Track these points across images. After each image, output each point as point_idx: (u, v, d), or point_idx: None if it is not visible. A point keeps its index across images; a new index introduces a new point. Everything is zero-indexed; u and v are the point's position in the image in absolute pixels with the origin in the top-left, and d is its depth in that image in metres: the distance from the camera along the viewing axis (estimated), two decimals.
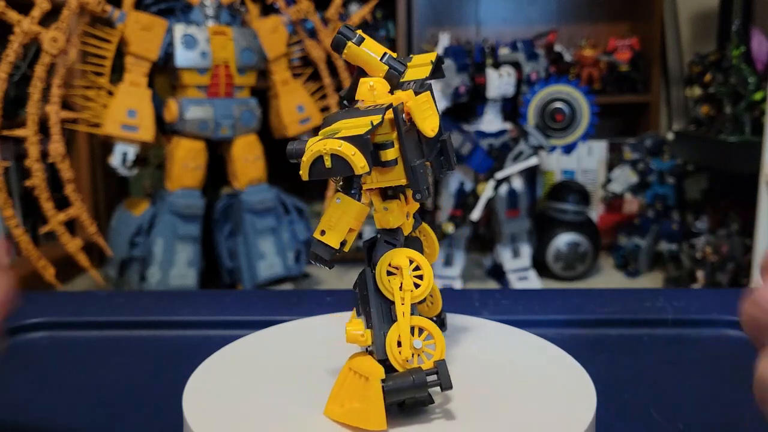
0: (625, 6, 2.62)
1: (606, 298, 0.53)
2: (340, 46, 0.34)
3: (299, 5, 1.83)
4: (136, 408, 0.38)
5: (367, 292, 0.33)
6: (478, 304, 0.52)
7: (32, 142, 1.49)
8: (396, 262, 0.33)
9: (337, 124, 0.31)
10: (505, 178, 1.93)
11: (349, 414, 0.32)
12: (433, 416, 0.32)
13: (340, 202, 0.32)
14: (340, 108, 0.37)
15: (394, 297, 0.33)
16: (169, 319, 0.51)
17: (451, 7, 2.69)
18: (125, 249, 1.70)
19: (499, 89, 1.91)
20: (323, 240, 0.32)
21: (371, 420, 0.31)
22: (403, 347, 0.32)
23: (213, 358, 0.39)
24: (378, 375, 0.31)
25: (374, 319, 0.32)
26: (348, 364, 0.33)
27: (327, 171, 0.30)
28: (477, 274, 2.22)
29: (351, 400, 0.32)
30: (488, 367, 0.37)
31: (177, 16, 1.72)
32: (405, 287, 0.33)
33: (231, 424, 0.32)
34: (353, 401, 0.32)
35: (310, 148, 0.30)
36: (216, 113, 1.71)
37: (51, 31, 1.46)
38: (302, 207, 1.89)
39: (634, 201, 2.38)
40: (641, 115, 2.53)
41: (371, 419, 0.31)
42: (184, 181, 1.73)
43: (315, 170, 0.30)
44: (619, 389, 0.38)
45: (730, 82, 1.90)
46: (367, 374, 0.32)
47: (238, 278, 1.85)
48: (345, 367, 0.33)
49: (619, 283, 2.14)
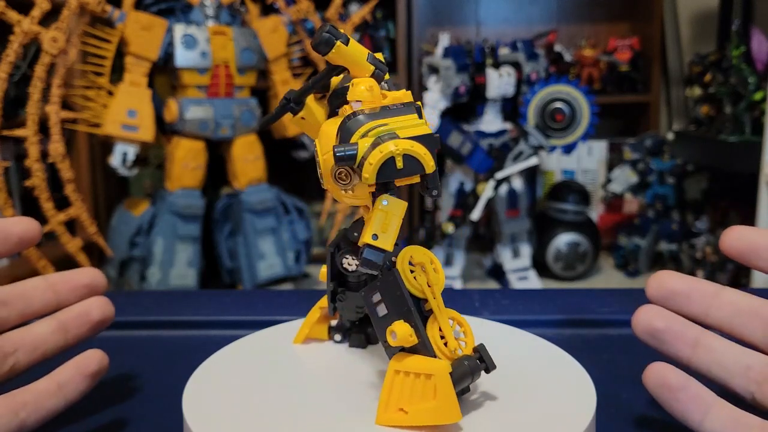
0: (625, 6, 2.62)
1: (606, 298, 0.53)
2: (329, 45, 0.32)
3: (299, 5, 1.83)
4: (136, 408, 0.38)
5: (400, 291, 0.32)
6: (478, 304, 0.52)
7: (32, 142, 1.49)
8: (417, 259, 0.34)
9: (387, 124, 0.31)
10: (505, 178, 1.93)
11: (420, 415, 0.31)
12: None
13: (387, 204, 0.31)
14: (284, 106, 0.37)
15: (425, 293, 0.33)
16: (169, 319, 0.51)
17: (451, 7, 2.69)
18: (125, 249, 1.70)
19: (499, 89, 1.91)
20: (377, 245, 0.30)
21: (447, 414, 0.31)
22: (448, 339, 0.33)
23: (213, 358, 0.39)
24: (444, 369, 0.31)
25: (415, 318, 0.32)
26: (393, 368, 0.32)
27: (398, 172, 0.29)
28: (477, 274, 2.22)
29: (416, 402, 0.31)
30: None
31: (177, 16, 1.72)
32: (432, 282, 0.33)
33: (231, 424, 0.32)
34: (420, 402, 0.31)
35: (379, 150, 0.29)
36: (216, 113, 1.71)
37: (51, 31, 1.46)
38: (302, 207, 1.89)
39: (634, 201, 2.38)
40: (641, 115, 2.53)
41: (447, 413, 0.31)
42: (184, 181, 1.73)
43: (385, 172, 0.29)
44: (619, 389, 0.38)
45: (730, 82, 1.90)
46: (429, 371, 0.31)
47: (238, 278, 1.85)
48: (390, 372, 0.32)
49: (619, 283, 2.14)
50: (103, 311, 0.37)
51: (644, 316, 0.32)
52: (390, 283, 0.33)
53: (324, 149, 0.33)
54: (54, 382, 0.33)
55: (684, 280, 0.32)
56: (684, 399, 0.30)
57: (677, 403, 0.30)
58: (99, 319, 0.37)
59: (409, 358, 0.32)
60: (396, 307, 0.33)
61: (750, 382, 0.30)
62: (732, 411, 0.30)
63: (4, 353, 0.33)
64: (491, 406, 0.33)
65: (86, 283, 0.38)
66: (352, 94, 0.33)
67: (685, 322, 0.32)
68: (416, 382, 0.32)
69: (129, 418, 0.37)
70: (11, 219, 0.35)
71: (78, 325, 0.36)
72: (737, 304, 0.31)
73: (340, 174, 0.32)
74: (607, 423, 0.35)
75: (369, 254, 0.30)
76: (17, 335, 0.35)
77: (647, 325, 0.32)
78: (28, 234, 0.35)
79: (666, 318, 0.32)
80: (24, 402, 0.32)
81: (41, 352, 0.35)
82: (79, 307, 0.37)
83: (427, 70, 2.02)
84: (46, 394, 0.33)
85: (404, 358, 0.32)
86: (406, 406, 0.31)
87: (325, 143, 0.33)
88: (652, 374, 0.31)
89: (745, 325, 0.31)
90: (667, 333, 0.32)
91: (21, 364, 0.34)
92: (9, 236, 0.35)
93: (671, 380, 0.31)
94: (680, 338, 0.32)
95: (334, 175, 0.32)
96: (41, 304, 0.36)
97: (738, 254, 0.31)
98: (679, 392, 0.30)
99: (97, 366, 0.34)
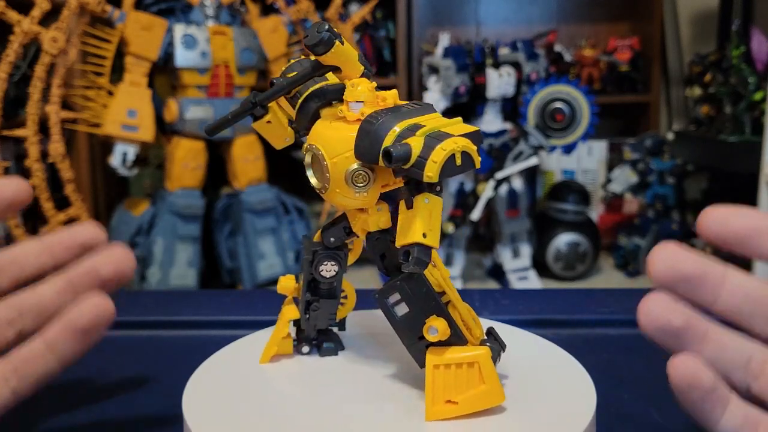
0: (625, 6, 2.62)
1: (606, 298, 0.53)
2: (328, 45, 0.31)
3: (299, 5, 1.83)
4: (136, 408, 0.38)
5: (426, 288, 0.33)
6: (478, 304, 0.52)
7: (32, 142, 1.49)
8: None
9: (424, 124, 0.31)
10: (505, 178, 1.93)
11: (470, 402, 0.32)
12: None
13: (429, 201, 0.31)
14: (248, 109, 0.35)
15: (442, 286, 0.34)
16: (169, 319, 0.51)
17: (451, 7, 2.69)
18: None
19: (499, 89, 1.91)
20: (426, 242, 0.30)
21: (496, 396, 0.32)
22: (471, 327, 0.34)
23: (213, 358, 0.39)
24: (485, 354, 0.32)
25: (446, 311, 0.33)
26: (432, 363, 0.32)
27: (457, 168, 0.30)
28: (477, 274, 2.22)
29: (464, 390, 0.32)
30: None
31: (177, 16, 1.72)
32: (444, 275, 0.34)
33: (231, 424, 0.32)
34: (468, 389, 0.32)
35: (442, 148, 0.29)
36: (216, 113, 1.71)
37: (51, 31, 1.46)
38: (302, 207, 1.89)
39: (634, 201, 2.38)
40: (641, 115, 2.53)
41: (495, 395, 0.32)
42: (184, 181, 1.73)
43: (447, 169, 0.29)
44: (619, 389, 0.38)
45: (730, 82, 1.90)
46: (472, 360, 0.32)
47: (238, 278, 1.85)
48: (430, 368, 0.32)
49: (619, 283, 2.14)
50: (116, 266, 0.33)
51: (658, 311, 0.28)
52: (415, 282, 0.33)
53: (333, 153, 0.32)
54: (41, 342, 0.30)
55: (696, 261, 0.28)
56: (712, 401, 0.28)
57: (704, 404, 0.28)
58: (111, 275, 0.33)
59: (446, 352, 0.33)
60: (423, 303, 0.33)
61: (748, 375, 0.29)
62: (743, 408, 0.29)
63: (10, 319, 0.31)
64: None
65: (83, 241, 0.34)
66: (353, 95, 0.32)
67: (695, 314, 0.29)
68: (459, 372, 0.32)
69: (129, 418, 0.37)
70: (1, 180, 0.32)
71: (87, 283, 0.33)
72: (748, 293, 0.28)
73: (358, 177, 0.31)
74: (607, 423, 0.35)
75: (422, 253, 0.30)
76: (23, 299, 0.32)
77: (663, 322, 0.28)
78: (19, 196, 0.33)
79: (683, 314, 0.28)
80: (14, 368, 0.30)
81: (49, 314, 0.32)
82: (89, 264, 0.33)
83: (427, 70, 2.02)
84: (34, 359, 0.30)
85: (441, 353, 0.33)
86: (455, 397, 0.32)
87: (334, 147, 0.32)
88: (680, 371, 0.27)
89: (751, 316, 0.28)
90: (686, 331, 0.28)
91: (28, 329, 0.31)
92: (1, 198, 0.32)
93: (704, 381, 0.27)
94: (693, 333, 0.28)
95: (351, 179, 0.31)
96: (35, 268, 0.33)
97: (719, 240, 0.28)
98: (711, 394, 0.28)
99: (90, 319, 0.30)
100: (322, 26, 0.31)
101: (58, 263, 0.34)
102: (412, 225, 0.30)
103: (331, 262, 0.36)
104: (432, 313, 0.33)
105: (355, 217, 0.35)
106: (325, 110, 0.34)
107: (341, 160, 0.32)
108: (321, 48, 0.31)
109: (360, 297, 0.41)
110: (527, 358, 0.38)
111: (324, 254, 0.36)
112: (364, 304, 0.43)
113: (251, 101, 0.35)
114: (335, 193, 0.33)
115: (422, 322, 0.33)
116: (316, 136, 0.34)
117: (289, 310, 0.39)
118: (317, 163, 0.33)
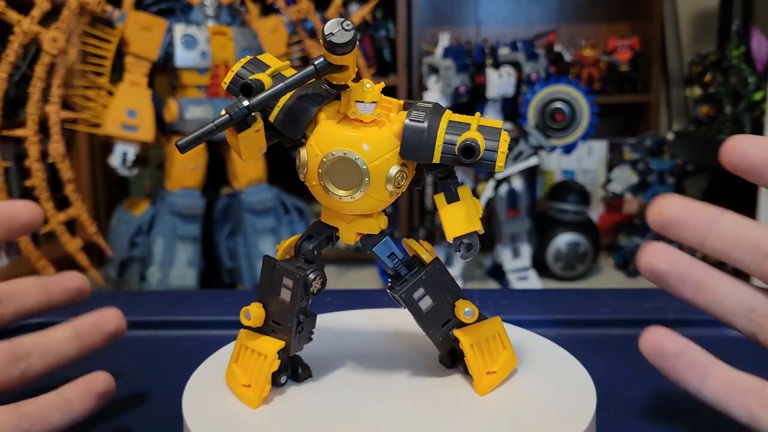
0: (625, 6, 2.62)
1: (606, 298, 0.53)
2: (353, 44, 0.30)
3: (299, 5, 1.83)
4: (136, 408, 0.38)
5: (447, 275, 0.35)
6: (478, 304, 0.52)
7: (32, 142, 1.49)
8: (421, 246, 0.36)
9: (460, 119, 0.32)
10: (505, 178, 1.94)
11: (503, 368, 0.35)
12: (433, 415, 0.32)
13: (464, 190, 0.33)
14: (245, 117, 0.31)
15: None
16: (169, 319, 0.51)
17: (451, 7, 2.69)
18: (125, 249, 1.70)
19: (499, 89, 1.91)
20: (480, 230, 0.32)
21: (512, 359, 0.36)
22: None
23: (213, 358, 0.39)
24: (499, 322, 0.36)
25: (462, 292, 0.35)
26: (468, 344, 0.34)
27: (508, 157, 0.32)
28: (477, 274, 2.22)
29: (496, 359, 0.35)
30: None
31: (177, 16, 1.72)
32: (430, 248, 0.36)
33: (231, 424, 0.32)
34: (498, 357, 0.35)
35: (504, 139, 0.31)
36: (216, 113, 1.71)
37: (51, 31, 1.46)
38: (302, 207, 1.89)
39: (634, 201, 2.38)
40: (641, 115, 2.53)
41: (512, 358, 0.36)
42: (184, 181, 1.73)
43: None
44: (619, 389, 0.38)
45: (730, 82, 1.90)
46: (494, 331, 0.35)
47: (238, 278, 1.85)
48: (467, 348, 0.34)
49: (619, 283, 2.14)
50: (117, 323, 0.37)
51: (647, 258, 0.31)
52: (437, 272, 0.34)
53: (373, 156, 0.31)
54: (61, 397, 0.33)
55: (681, 206, 0.30)
56: (681, 366, 0.30)
57: (675, 371, 0.30)
58: (113, 330, 0.37)
59: (473, 330, 0.35)
60: (445, 291, 0.35)
61: (753, 325, 0.30)
62: (731, 374, 0.30)
63: (17, 356, 0.33)
64: (491, 405, 0.33)
65: (76, 287, 0.38)
66: (369, 96, 0.32)
67: (690, 262, 0.31)
68: (487, 345, 0.35)
69: (129, 418, 0.37)
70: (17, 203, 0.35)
71: (92, 335, 0.36)
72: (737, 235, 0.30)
73: (400, 177, 0.32)
74: (607, 423, 0.35)
75: (473, 239, 0.32)
76: (31, 339, 0.34)
77: (650, 266, 0.31)
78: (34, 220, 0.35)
79: (669, 259, 0.31)
80: (29, 414, 0.31)
81: (55, 358, 0.34)
82: (95, 317, 0.36)
83: (427, 70, 2.02)
84: (52, 408, 0.32)
85: (470, 332, 0.35)
86: (492, 367, 0.35)
87: (374, 150, 0.31)
88: (648, 341, 0.31)
89: (743, 258, 0.30)
90: (670, 275, 0.30)
91: (33, 370, 0.34)
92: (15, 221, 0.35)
93: (667, 347, 0.30)
94: (683, 279, 0.30)
95: (393, 180, 0.31)
96: (34, 304, 0.36)
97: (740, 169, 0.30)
98: (677, 359, 0.30)
99: (104, 387, 0.34)
100: (349, 24, 0.29)
101: (52, 304, 0.37)
102: (467, 215, 0.32)
103: (321, 276, 0.34)
104: (457, 297, 0.35)
105: (351, 223, 0.34)
106: (323, 113, 0.33)
107: (383, 162, 0.31)
108: (348, 47, 0.29)
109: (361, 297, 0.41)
110: (527, 358, 0.38)
111: (317, 269, 0.34)
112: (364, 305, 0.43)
113: (246, 107, 0.30)
114: (369, 198, 0.32)
115: (448, 308, 0.35)
116: (340, 140, 0.31)
117: (268, 342, 0.34)
118: (343, 171, 0.31)
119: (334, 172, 0.31)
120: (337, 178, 0.31)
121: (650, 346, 0.31)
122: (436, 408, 0.33)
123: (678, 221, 0.30)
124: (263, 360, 0.34)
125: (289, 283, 0.34)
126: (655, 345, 0.30)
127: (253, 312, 0.35)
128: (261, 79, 0.30)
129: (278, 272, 0.34)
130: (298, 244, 0.35)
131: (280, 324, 0.34)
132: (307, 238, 0.35)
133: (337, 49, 0.29)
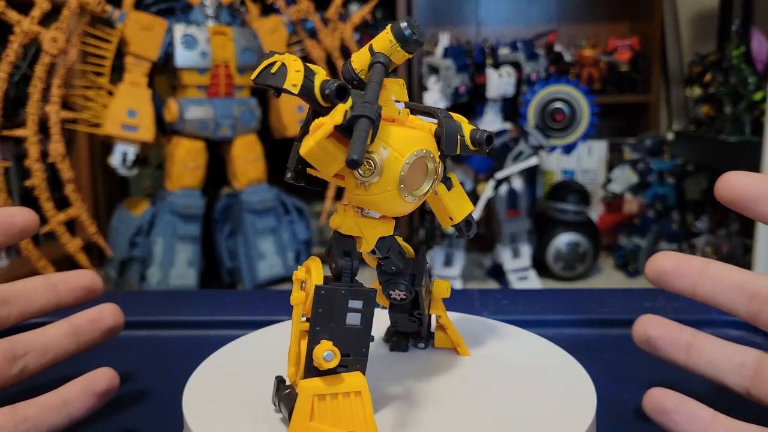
0: (625, 6, 2.62)
1: (606, 298, 0.53)
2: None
3: (299, 5, 1.83)
4: (136, 408, 0.38)
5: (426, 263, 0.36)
6: (478, 304, 0.52)
7: (32, 142, 1.49)
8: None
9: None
10: (505, 178, 1.93)
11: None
12: (432, 415, 0.32)
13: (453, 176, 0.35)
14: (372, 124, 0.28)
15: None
16: (169, 319, 0.51)
17: (451, 7, 2.69)
18: (125, 249, 1.70)
19: (499, 89, 1.91)
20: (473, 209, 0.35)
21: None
22: None
23: (213, 358, 0.39)
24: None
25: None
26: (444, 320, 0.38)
27: None
28: (477, 274, 2.22)
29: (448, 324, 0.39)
30: (488, 366, 0.37)
31: (177, 16, 1.72)
32: None
33: (231, 424, 0.32)
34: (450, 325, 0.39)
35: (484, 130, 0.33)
36: (216, 113, 1.72)
37: (51, 31, 1.46)
38: (302, 207, 1.89)
39: (634, 201, 2.38)
40: (641, 115, 2.53)
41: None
42: (184, 181, 1.73)
43: None
44: (620, 389, 0.38)
45: (730, 82, 1.90)
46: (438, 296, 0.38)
47: (238, 278, 1.85)
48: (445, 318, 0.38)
49: (619, 283, 2.14)
50: (115, 318, 0.37)
51: (640, 326, 0.35)
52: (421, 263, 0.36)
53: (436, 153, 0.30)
54: (59, 397, 0.33)
55: (674, 258, 0.34)
56: (680, 420, 0.32)
57: (675, 425, 0.32)
58: (111, 326, 0.37)
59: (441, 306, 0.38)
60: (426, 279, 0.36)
61: (744, 379, 0.32)
62: (730, 424, 0.31)
63: (15, 355, 0.33)
64: (491, 405, 0.33)
65: (85, 285, 0.38)
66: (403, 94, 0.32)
67: (678, 328, 0.34)
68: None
69: (129, 418, 0.37)
70: (12, 209, 0.35)
71: (90, 331, 0.36)
72: (722, 280, 0.32)
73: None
74: (607, 423, 0.35)
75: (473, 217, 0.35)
76: (28, 337, 0.34)
77: (642, 334, 0.35)
78: (29, 225, 0.35)
79: (659, 326, 0.34)
80: (26, 416, 0.31)
81: (52, 355, 0.34)
82: (92, 312, 0.37)
83: (427, 70, 2.02)
84: (50, 410, 0.32)
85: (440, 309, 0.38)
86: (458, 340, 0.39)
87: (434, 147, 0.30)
88: (649, 400, 0.33)
89: (729, 300, 0.32)
90: (660, 340, 0.34)
91: (31, 367, 0.34)
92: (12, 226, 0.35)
93: (665, 404, 0.32)
94: (673, 344, 0.34)
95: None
96: (42, 303, 0.36)
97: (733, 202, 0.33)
98: (675, 414, 0.32)
99: (106, 385, 0.34)
100: (413, 22, 0.29)
101: (60, 303, 0.37)
102: (463, 198, 0.35)
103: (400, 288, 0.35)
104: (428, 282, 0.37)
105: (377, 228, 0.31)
106: None
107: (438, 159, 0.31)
108: (419, 45, 0.30)
109: None
110: (527, 358, 0.38)
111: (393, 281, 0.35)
112: None
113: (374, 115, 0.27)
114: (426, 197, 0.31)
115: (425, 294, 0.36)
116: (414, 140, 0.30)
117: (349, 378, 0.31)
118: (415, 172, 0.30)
119: (410, 174, 0.29)
120: (410, 180, 0.29)
121: (651, 405, 0.33)
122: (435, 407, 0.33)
123: (672, 271, 0.33)
124: (359, 399, 0.30)
125: (358, 305, 0.31)
126: (654, 404, 0.33)
127: (331, 349, 0.29)
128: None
129: (343, 297, 0.31)
130: (339, 265, 0.31)
131: (351, 354, 0.31)
132: (341, 256, 0.31)
133: (416, 46, 0.29)
